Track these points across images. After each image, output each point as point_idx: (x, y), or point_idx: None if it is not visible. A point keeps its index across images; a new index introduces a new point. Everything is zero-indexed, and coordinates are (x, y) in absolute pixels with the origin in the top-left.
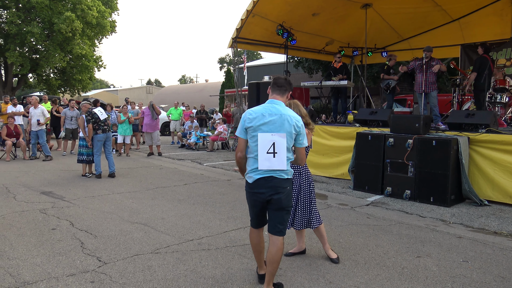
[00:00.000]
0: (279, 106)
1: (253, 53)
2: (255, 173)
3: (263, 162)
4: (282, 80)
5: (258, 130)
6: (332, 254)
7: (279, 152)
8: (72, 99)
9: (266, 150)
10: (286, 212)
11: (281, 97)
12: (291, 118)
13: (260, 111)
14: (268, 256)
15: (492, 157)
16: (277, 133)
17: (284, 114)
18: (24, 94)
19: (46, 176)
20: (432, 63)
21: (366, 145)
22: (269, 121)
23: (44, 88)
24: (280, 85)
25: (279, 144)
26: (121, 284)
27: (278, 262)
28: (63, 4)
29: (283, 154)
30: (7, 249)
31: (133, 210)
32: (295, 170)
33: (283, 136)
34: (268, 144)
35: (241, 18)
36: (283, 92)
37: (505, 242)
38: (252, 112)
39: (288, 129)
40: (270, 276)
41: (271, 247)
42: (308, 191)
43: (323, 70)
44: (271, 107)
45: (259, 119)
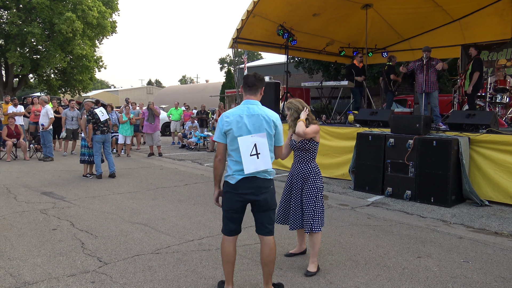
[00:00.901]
0: (255, 105)
1: (253, 54)
2: (238, 174)
3: (248, 165)
4: (252, 78)
5: (237, 133)
6: (312, 267)
7: (262, 152)
8: (72, 100)
9: (249, 153)
10: (272, 212)
11: (254, 96)
12: (269, 117)
13: (237, 113)
14: (263, 258)
15: (493, 157)
16: (256, 134)
17: (261, 114)
18: (25, 94)
19: (47, 176)
20: (432, 62)
21: (366, 145)
22: (247, 122)
23: (44, 89)
24: (251, 84)
25: (260, 145)
26: (121, 285)
27: (273, 261)
28: (63, 5)
29: (266, 153)
30: (8, 249)
31: (134, 210)
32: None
33: (263, 136)
34: (250, 146)
35: (241, 19)
36: (255, 90)
37: (505, 242)
38: (229, 114)
39: (267, 129)
40: (268, 276)
41: (264, 248)
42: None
43: (324, 71)
44: (247, 108)
45: (237, 121)
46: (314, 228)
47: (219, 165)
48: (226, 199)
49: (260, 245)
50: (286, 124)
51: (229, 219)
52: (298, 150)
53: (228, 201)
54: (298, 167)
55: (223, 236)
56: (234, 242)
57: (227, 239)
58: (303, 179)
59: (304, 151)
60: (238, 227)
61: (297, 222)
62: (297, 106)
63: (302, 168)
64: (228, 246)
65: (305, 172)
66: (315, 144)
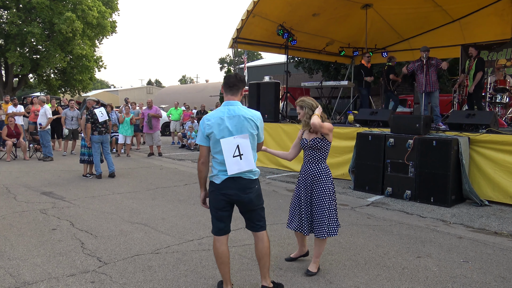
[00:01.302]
0: (235, 106)
1: (253, 54)
2: (223, 174)
3: (232, 166)
4: (233, 78)
5: (219, 135)
6: (313, 267)
7: (245, 153)
8: (72, 99)
9: (232, 154)
10: (260, 209)
11: (235, 97)
12: (250, 117)
13: (218, 115)
14: (258, 252)
15: (493, 157)
16: (239, 135)
17: (242, 115)
18: (25, 94)
19: (47, 176)
20: (432, 62)
21: (366, 145)
22: (229, 124)
23: (44, 89)
24: (232, 84)
25: (243, 146)
26: (121, 284)
27: (268, 254)
28: (63, 5)
29: (249, 154)
30: (8, 249)
31: (134, 210)
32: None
33: (245, 137)
34: (233, 148)
35: (241, 19)
36: (236, 91)
37: (505, 242)
38: (210, 117)
39: (249, 129)
40: (265, 269)
41: (259, 243)
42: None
43: (324, 71)
44: (228, 110)
45: (218, 124)
46: (330, 233)
47: (203, 168)
48: (212, 198)
49: (254, 240)
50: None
51: (217, 219)
52: (309, 149)
53: (214, 201)
54: (309, 167)
55: (214, 237)
56: (226, 242)
57: (218, 239)
58: (313, 181)
59: (315, 150)
60: (227, 226)
61: (307, 227)
62: (310, 103)
63: (313, 169)
64: (220, 246)
65: (315, 173)
66: (327, 143)
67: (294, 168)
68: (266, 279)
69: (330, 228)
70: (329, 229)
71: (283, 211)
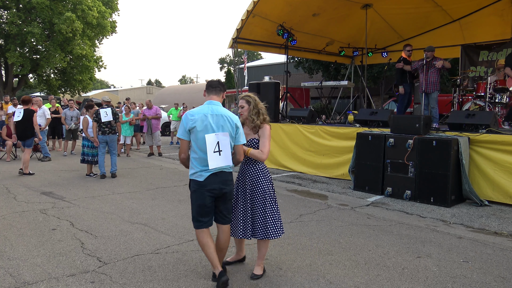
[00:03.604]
0: (218, 106)
1: (253, 54)
2: (205, 171)
3: (212, 161)
4: (215, 82)
5: (203, 131)
6: (258, 270)
7: (224, 150)
8: (71, 99)
9: (213, 150)
10: (231, 202)
11: (217, 97)
12: (230, 118)
13: (202, 112)
14: (220, 244)
15: (493, 157)
16: (220, 132)
17: (224, 115)
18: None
19: (47, 176)
20: (434, 62)
21: (366, 145)
22: (212, 121)
23: (44, 89)
24: (215, 86)
25: (223, 143)
26: (121, 285)
27: (227, 247)
28: (63, 5)
29: (228, 151)
30: (8, 249)
31: (133, 210)
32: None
33: (226, 135)
34: (214, 143)
35: (241, 19)
36: (218, 92)
37: (505, 242)
38: (194, 113)
39: (229, 128)
40: (221, 259)
41: (223, 236)
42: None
43: (324, 71)
44: (212, 108)
45: (202, 120)
46: (273, 235)
47: (185, 161)
48: (197, 196)
49: (217, 233)
50: None
51: (202, 215)
52: None
53: (199, 198)
54: (247, 168)
55: (197, 231)
56: (209, 232)
57: (202, 231)
58: (252, 181)
59: None
60: (211, 220)
61: (247, 230)
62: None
63: (251, 169)
64: (204, 237)
65: (253, 174)
66: None
67: (294, 168)
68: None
69: (276, 229)
70: (275, 229)
71: (283, 211)
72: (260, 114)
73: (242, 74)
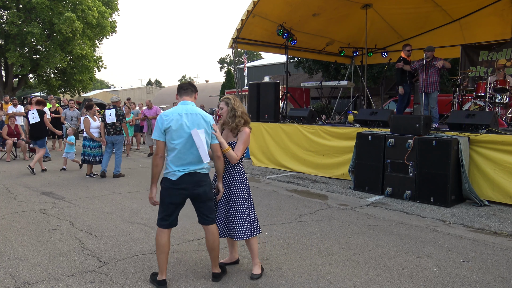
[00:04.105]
0: (192, 106)
1: (253, 54)
2: (179, 171)
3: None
4: (186, 84)
5: (178, 130)
6: (256, 269)
7: (201, 147)
8: (72, 100)
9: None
10: (211, 202)
11: (190, 98)
12: (205, 116)
13: (176, 112)
14: (209, 245)
15: (493, 157)
16: (198, 129)
17: (199, 113)
18: (25, 94)
19: (47, 176)
20: (434, 62)
21: (366, 145)
22: (186, 120)
23: (44, 89)
24: (186, 87)
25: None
26: (121, 285)
27: (218, 246)
28: (63, 5)
29: (204, 148)
30: (8, 249)
31: (133, 210)
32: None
33: (202, 132)
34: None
35: (241, 19)
36: (190, 93)
37: (505, 242)
38: (168, 114)
39: (205, 126)
40: (215, 260)
41: (209, 236)
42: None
43: (324, 71)
44: (186, 108)
45: (176, 119)
46: (242, 235)
47: (160, 162)
48: (167, 194)
49: (205, 234)
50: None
51: (168, 213)
52: None
53: (169, 196)
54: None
55: (159, 229)
56: (169, 234)
57: (163, 231)
58: (229, 183)
59: None
60: (175, 220)
61: (223, 230)
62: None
63: (228, 171)
64: (163, 237)
65: (230, 176)
66: None
67: (294, 168)
68: (216, 267)
69: (241, 231)
70: (252, 228)
71: (283, 211)
72: (236, 116)
73: (242, 74)
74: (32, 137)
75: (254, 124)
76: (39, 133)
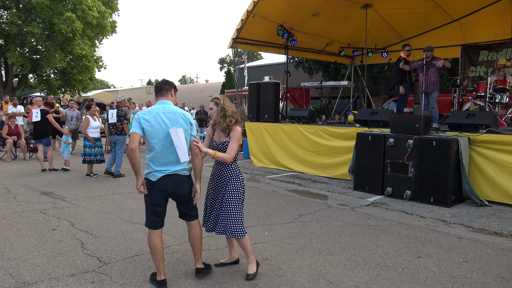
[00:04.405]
0: (170, 105)
1: (253, 54)
2: (159, 172)
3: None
4: (159, 83)
5: (157, 129)
6: (251, 268)
7: (180, 145)
8: (72, 100)
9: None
10: (192, 201)
11: (167, 97)
12: (183, 114)
13: (154, 111)
14: (191, 239)
15: (493, 157)
16: (177, 128)
17: (177, 112)
18: (25, 94)
19: (47, 176)
20: (434, 62)
21: (366, 145)
22: (165, 118)
23: (44, 89)
24: (160, 88)
25: (179, 138)
26: (121, 285)
27: (201, 240)
28: (63, 5)
29: (185, 146)
30: (8, 249)
31: (133, 210)
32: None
33: (181, 131)
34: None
35: (241, 19)
36: (166, 92)
37: (505, 242)
38: (146, 112)
39: (184, 125)
40: (198, 253)
41: (192, 231)
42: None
43: (324, 71)
44: (164, 107)
45: (155, 118)
46: (235, 234)
47: (133, 154)
48: (149, 194)
49: (187, 228)
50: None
51: (153, 213)
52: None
53: (151, 197)
54: (219, 168)
55: (149, 230)
56: (160, 234)
57: (153, 232)
58: (224, 182)
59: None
60: (162, 220)
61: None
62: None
63: (223, 170)
64: (154, 238)
65: (225, 175)
66: None
67: (294, 168)
68: (199, 262)
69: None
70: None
71: (283, 211)
72: (226, 116)
73: (242, 74)
74: (36, 136)
75: (254, 124)
76: (41, 131)
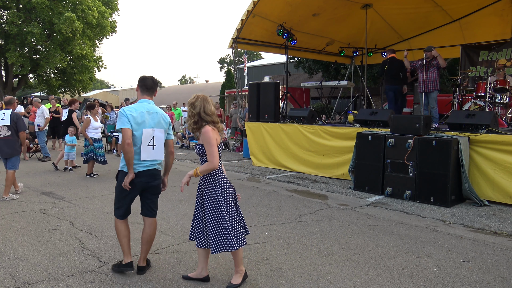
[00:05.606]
0: (152, 105)
1: (253, 54)
2: (139, 166)
3: (144, 154)
4: (150, 81)
5: (141, 125)
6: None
7: (158, 145)
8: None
9: (147, 143)
10: (157, 197)
11: (150, 97)
12: (164, 115)
13: (139, 109)
14: (145, 237)
15: (493, 157)
16: (157, 128)
17: (159, 112)
18: (25, 94)
19: (47, 176)
20: (433, 62)
21: (366, 145)
22: (149, 118)
23: (44, 89)
24: (149, 87)
25: (158, 138)
26: (121, 285)
27: (153, 240)
28: (63, 5)
29: (161, 146)
30: (8, 249)
31: (133, 210)
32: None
33: (161, 131)
34: (149, 138)
35: (241, 19)
36: (152, 92)
37: (505, 242)
38: (132, 109)
39: (164, 126)
40: (146, 253)
41: (148, 229)
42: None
43: (324, 71)
44: (148, 107)
45: (141, 116)
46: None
47: (129, 149)
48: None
49: (144, 226)
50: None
51: (127, 203)
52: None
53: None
54: (204, 181)
55: (116, 219)
56: (126, 222)
57: (122, 222)
58: (203, 188)
59: (200, 156)
60: (129, 210)
61: (202, 239)
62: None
63: (207, 182)
64: (121, 225)
65: (203, 181)
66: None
67: (294, 168)
68: (143, 260)
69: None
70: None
71: (283, 211)
72: (191, 116)
73: (242, 74)
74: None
75: (254, 124)
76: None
